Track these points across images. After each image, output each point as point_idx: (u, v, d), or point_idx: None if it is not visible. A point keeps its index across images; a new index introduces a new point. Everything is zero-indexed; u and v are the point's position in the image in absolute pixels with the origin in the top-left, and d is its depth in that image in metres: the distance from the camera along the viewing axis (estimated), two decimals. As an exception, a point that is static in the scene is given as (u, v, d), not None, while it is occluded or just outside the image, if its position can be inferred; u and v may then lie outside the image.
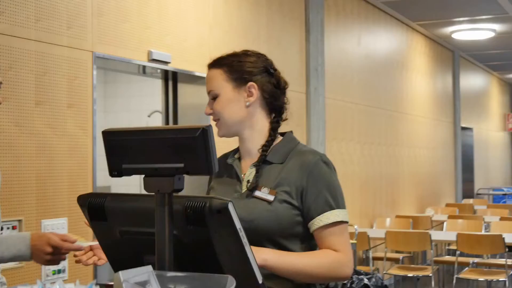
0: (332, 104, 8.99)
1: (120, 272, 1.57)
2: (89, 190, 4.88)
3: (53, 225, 4.56)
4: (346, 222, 2.50)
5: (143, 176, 1.81)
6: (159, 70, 6.17)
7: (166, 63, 5.78)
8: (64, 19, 4.74)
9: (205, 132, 1.74)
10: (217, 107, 2.58)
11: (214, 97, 2.59)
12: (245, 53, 2.64)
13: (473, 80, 16.93)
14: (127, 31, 5.34)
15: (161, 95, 6.56)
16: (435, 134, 13.62)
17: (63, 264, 4.65)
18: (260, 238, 2.43)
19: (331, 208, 2.46)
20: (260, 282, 1.88)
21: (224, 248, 1.85)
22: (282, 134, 2.68)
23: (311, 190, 2.47)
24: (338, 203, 2.49)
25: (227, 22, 6.73)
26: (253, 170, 2.57)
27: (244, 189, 2.56)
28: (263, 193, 2.49)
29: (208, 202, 1.80)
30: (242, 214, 2.42)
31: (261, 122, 2.63)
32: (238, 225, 1.82)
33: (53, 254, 2.80)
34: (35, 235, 2.84)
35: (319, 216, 2.45)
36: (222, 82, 2.57)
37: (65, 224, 4.65)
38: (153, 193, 1.79)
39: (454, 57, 14.86)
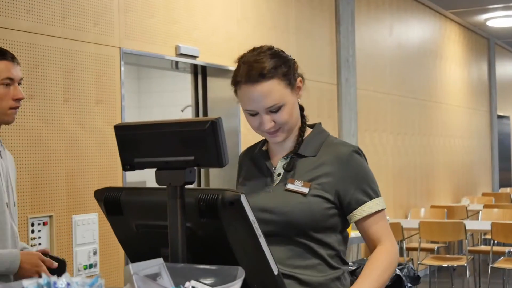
0: (364, 95, 8.95)
1: (130, 265, 1.58)
2: (119, 185, 4.92)
3: (83, 221, 4.61)
4: (385, 208, 2.55)
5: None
6: (190, 64, 6.20)
7: (194, 57, 5.80)
8: (90, 16, 4.78)
9: (214, 124, 1.74)
10: (284, 117, 2.46)
11: (276, 110, 2.44)
12: (275, 51, 2.51)
13: (509, 68, 16.73)
14: (154, 26, 5.37)
15: (191, 89, 6.58)
16: (470, 123, 13.50)
17: (95, 259, 4.70)
18: (293, 230, 2.44)
19: (371, 198, 2.49)
20: (276, 273, 1.88)
21: (238, 241, 1.86)
22: (311, 126, 2.66)
23: (349, 182, 2.47)
24: (376, 192, 2.51)
25: (255, 15, 6.73)
26: (284, 163, 2.55)
27: (276, 182, 2.54)
28: (296, 186, 2.47)
29: (221, 195, 1.80)
30: (275, 206, 2.44)
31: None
32: (251, 217, 1.82)
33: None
34: (24, 254, 2.93)
35: (360, 207, 2.47)
36: (283, 91, 2.44)
37: (95, 220, 4.69)
38: (165, 186, 1.81)
39: (489, 45, 14.70)
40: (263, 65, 2.42)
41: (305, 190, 2.45)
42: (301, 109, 2.62)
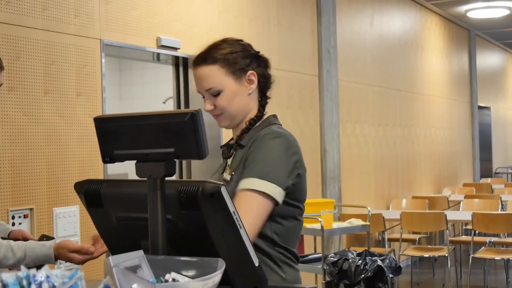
0: (345, 86, 8.97)
1: (110, 257, 1.58)
2: (101, 177, 4.90)
3: (64, 213, 4.59)
4: (264, 194, 2.32)
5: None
6: (172, 56, 6.18)
7: (175, 49, 5.79)
8: (71, 8, 4.75)
9: (194, 116, 1.74)
10: (222, 103, 2.51)
11: (215, 94, 2.51)
12: (229, 42, 2.57)
13: (490, 59, 16.80)
14: (135, 17, 5.35)
15: (172, 81, 6.56)
16: (451, 114, 13.55)
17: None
18: None
19: (253, 176, 2.35)
20: (257, 265, 1.89)
21: (219, 232, 1.86)
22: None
23: (249, 157, 2.42)
24: (267, 175, 2.35)
25: (236, 7, 6.72)
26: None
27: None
28: (226, 175, 2.51)
29: (201, 186, 1.80)
30: None
31: (255, 106, 2.61)
32: (232, 208, 1.82)
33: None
34: (55, 247, 2.81)
35: (239, 182, 2.38)
36: (222, 77, 2.50)
37: (76, 212, 4.68)
38: (146, 178, 1.81)
39: (469, 36, 14.75)
40: (208, 50, 2.54)
41: (228, 177, 2.48)
42: (265, 102, 2.63)
